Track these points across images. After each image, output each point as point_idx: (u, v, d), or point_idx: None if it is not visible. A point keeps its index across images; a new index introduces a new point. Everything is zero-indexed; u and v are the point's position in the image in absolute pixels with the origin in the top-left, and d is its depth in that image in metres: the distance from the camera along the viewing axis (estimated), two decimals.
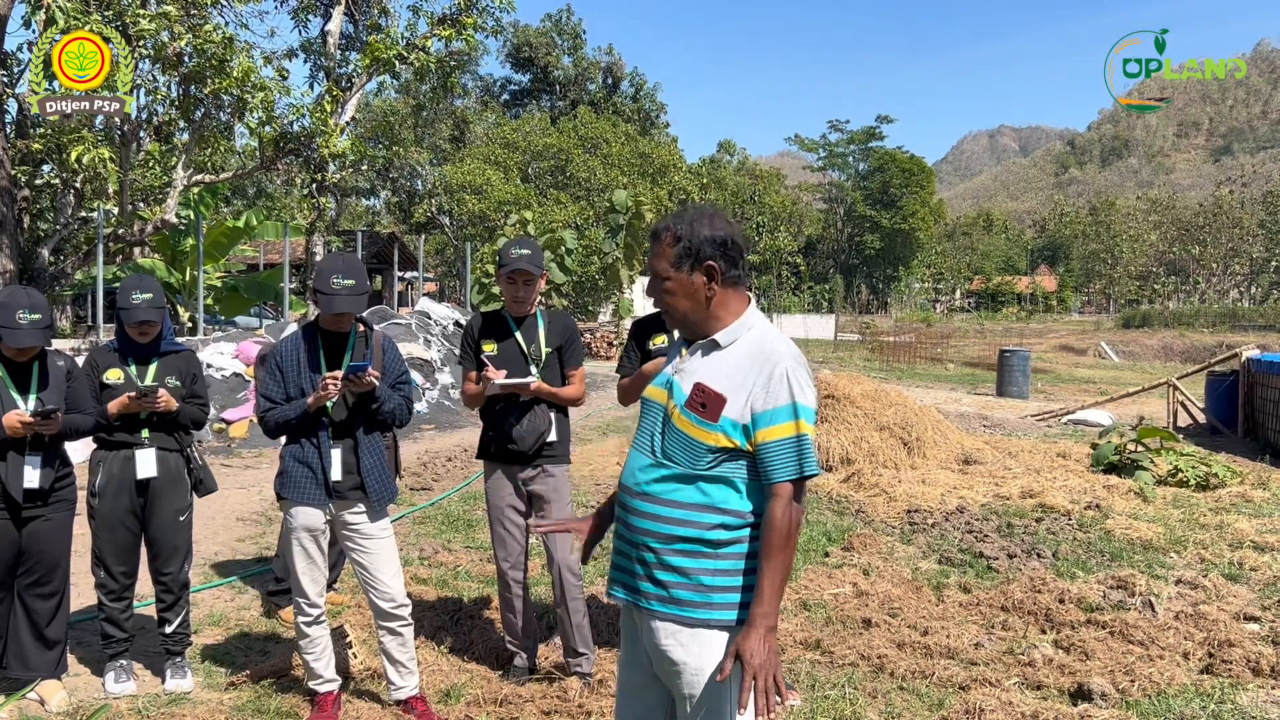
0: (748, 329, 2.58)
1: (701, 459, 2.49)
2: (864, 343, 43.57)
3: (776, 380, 2.47)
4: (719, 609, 2.50)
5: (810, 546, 7.42)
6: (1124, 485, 9.51)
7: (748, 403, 2.47)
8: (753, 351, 2.53)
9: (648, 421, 2.64)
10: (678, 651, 2.52)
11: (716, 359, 2.56)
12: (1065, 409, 17.72)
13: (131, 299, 4.51)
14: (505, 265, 4.53)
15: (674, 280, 2.57)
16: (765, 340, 2.56)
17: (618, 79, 62.87)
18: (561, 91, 61.99)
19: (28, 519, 4.30)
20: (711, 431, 2.48)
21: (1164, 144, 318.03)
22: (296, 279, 23.53)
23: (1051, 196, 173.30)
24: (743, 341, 2.56)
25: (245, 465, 11.16)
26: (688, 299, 2.58)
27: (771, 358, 2.50)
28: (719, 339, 2.57)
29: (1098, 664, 4.94)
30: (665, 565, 2.52)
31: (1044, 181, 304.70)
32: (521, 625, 4.82)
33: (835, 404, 10.83)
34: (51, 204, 17.78)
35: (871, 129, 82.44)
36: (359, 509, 4.20)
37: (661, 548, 2.52)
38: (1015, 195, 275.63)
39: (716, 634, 2.50)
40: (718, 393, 2.49)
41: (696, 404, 2.50)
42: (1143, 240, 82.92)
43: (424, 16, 21.52)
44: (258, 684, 4.67)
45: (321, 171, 19.60)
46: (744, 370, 2.50)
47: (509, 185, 40.92)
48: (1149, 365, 36.58)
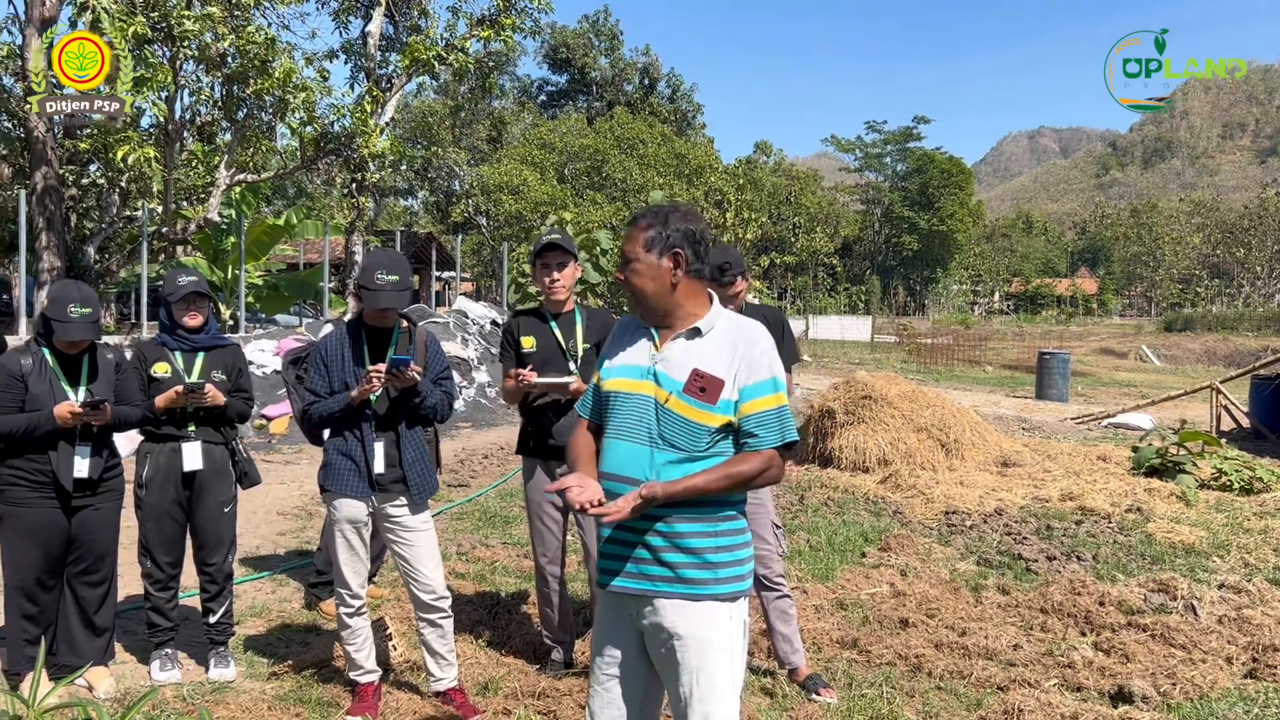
0: (719, 316, 2.77)
1: (701, 440, 2.66)
2: (901, 345, 43.29)
3: (758, 357, 2.68)
4: (723, 583, 2.67)
5: (847, 546, 7.41)
6: (1165, 488, 9.40)
7: (734, 381, 2.66)
8: (731, 335, 2.72)
9: (631, 413, 2.74)
10: (684, 625, 2.65)
11: (701, 345, 2.72)
12: (1106, 412, 17.53)
13: (177, 280, 4.63)
14: (537, 247, 4.60)
15: (641, 262, 2.73)
16: (740, 323, 2.77)
17: (654, 80, 62.91)
18: (598, 92, 62.12)
19: (78, 508, 4.39)
20: (711, 413, 2.65)
21: (1208, 145, 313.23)
22: (335, 278, 23.76)
23: (1092, 198, 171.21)
24: (719, 328, 2.74)
25: (285, 460, 11.29)
26: (652, 281, 2.73)
27: (750, 338, 2.71)
28: (700, 326, 2.73)
29: (1139, 666, 4.89)
30: (675, 547, 2.66)
31: (1085, 183, 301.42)
32: (558, 620, 4.86)
33: (872, 405, 10.78)
34: (97, 203, 18.05)
35: (909, 129, 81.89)
36: (401, 502, 4.24)
37: (670, 530, 2.65)
38: (1055, 197, 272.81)
39: (719, 605, 2.67)
40: (716, 376, 2.66)
41: (695, 388, 2.66)
42: (1185, 243, 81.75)
43: (463, 18, 21.62)
44: (300, 674, 4.73)
45: (361, 171, 19.75)
46: (729, 352, 2.69)
47: (545, 186, 41.04)
48: (1191, 369, 36.05)
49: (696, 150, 49.42)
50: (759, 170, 64.30)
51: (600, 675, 2.81)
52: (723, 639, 2.66)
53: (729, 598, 2.68)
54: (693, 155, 47.62)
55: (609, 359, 2.88)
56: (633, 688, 2.79)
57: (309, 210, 33.44)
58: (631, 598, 2.73)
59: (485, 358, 17.50)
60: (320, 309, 21.96)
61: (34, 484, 4.28)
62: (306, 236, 24.91)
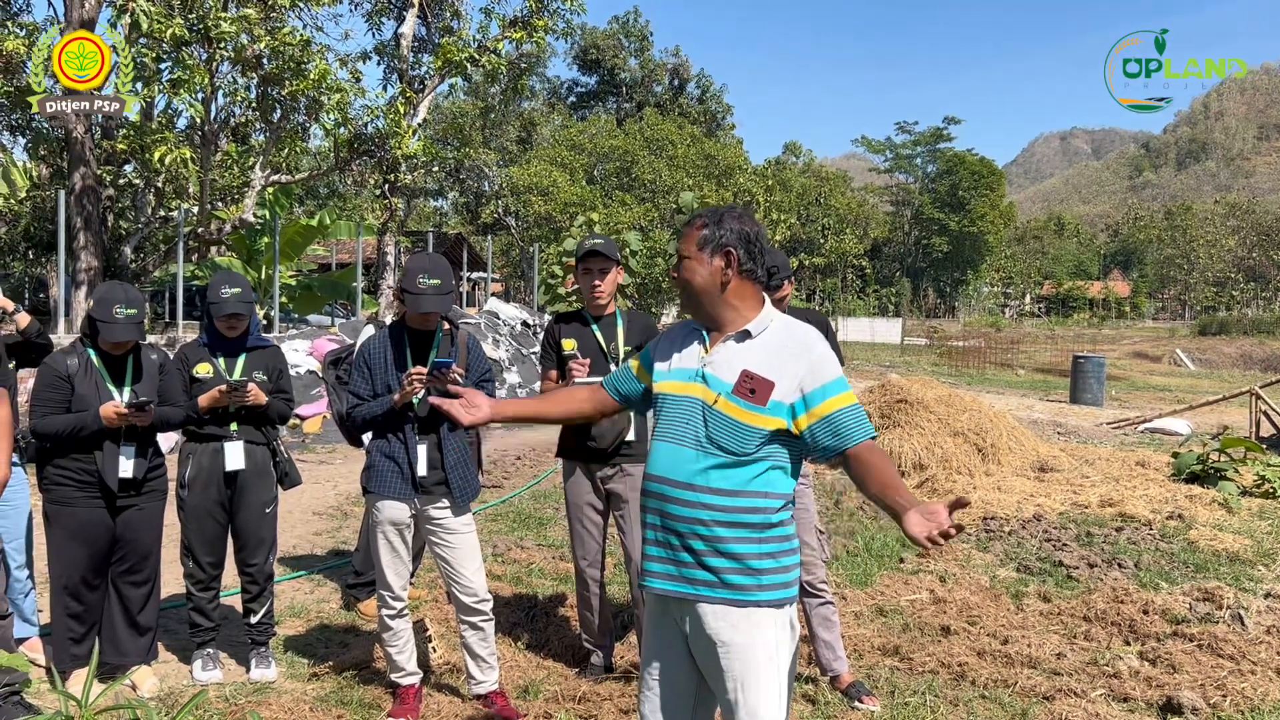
0: (771, 319, 2.75)
1: (750, 443, 2.63)
2: (932, 347, 43.02)
3: (819, 360, 2.66)
4: (769, 590, 2.63)
5: (885, 551, 7.35)
6: (1207, 495, 9.26)
7: (796, 384, 2.63)
8: (783, 338, 2.71)
9: (678, 415, 2.73)
10: (728, 632, 2.61)
11: (751, 347, 2.70)
12: (1142, 417, 17.31)
13: (221, 293, 4.62)
14: (579, 253, 4.59)
15: (694, 259, 2.73)
16: (793, 327, 2.75)
17: (684, 80, 62.88)
18: (628, 93, 62.15)
19: (122, 508, 4.41)
20: (761, 415, 2.62)
21: (1244, 146, 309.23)
22: (367, 278, 23.87)
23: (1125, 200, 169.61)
24: (771, 331, 2.72)
25: (320, 460, 11.34)
26: (703, 278, 2.72)
27: (806, 342, 2.69)
28: (750, 329, 2.72)
29: (1186, 677, 4.81)
30: (717, 551, 2.62)
31: (1117, 185, 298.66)
32: (598, 623, 4.83)
33: (908, 409, 10.69)
34: (133, 203, 18.23)
35: (939, 130, 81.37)
36: (443, 504, 4.24)
37: (712, 534, 2.63)
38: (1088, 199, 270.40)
39: (766, 612, 2.63)
40: (765, 378, 2.63)
41: (745, 390, 2.63)
42: (1220, 245, 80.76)
43: (496, 19, 21.67)
44: (340, 675, 4.74)
45: (393, 172, 19.85)
46: (783, 355, 2.66)
47: (575, 187, 41.09)
48: (1227, 373, 35.59)
49: (726, 151, 49.30)
50: (788, 171, 64.05)
51: (649, 679, 2.80)
52: (768, 647, 2.62)
53: (774, 604, 2.64)
54: (722, 156, 47.51)
55: (660, 360, 2.87)
56: (683, 691, 2.77)
57: (341, 211, 33.63)
58: (675, 601, 2.71)
59: (516, 359, 17.53)
60: (353, 309, 22.08)
61: (80, 484, 4.31)
62: (339, 237, 25.06)
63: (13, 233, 20.43)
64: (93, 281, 15.13)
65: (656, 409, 2.83)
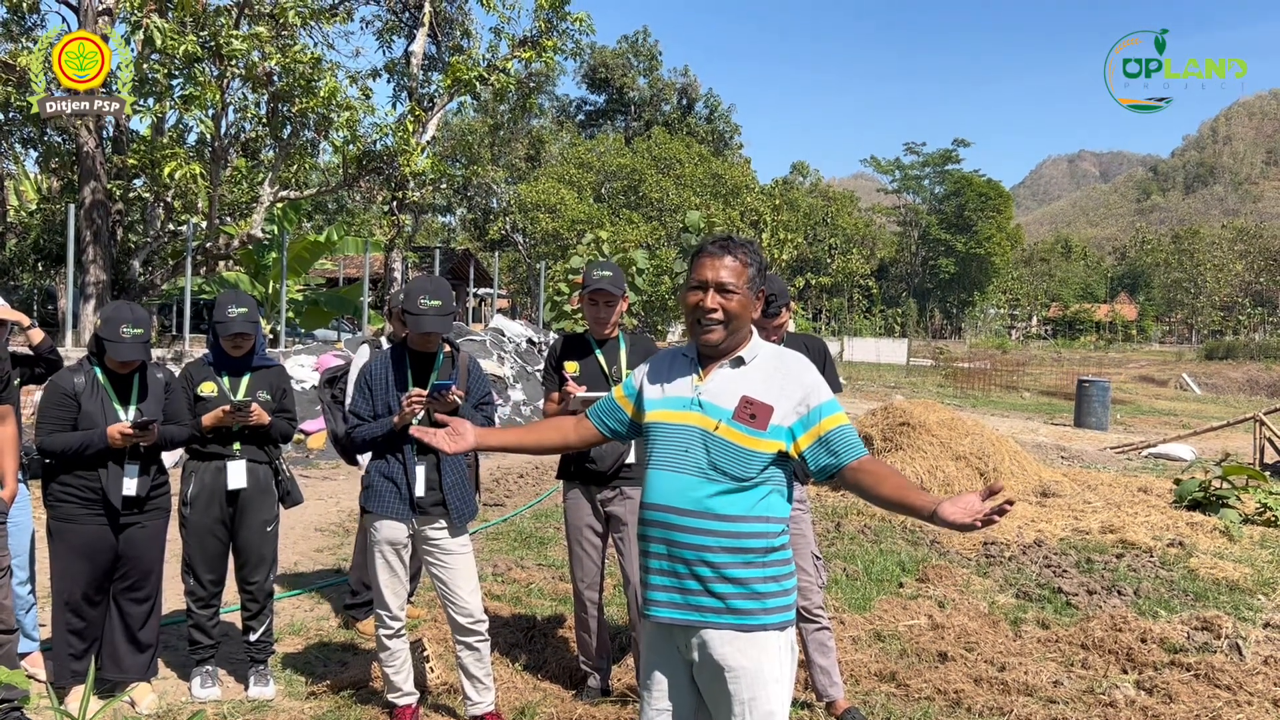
0: (760, 346, 2.84)
1: (753, 467, 2.68)
2: (937, 368, 42.99)
3: (812, 382, 2.75)
4: (773, 613, 2.68)
5: (884, 576, 7.35)
6: (1209, 523, 9.25)
7: (795, 406, 2.71)
8: (774, 363, 2.79)
9: (676, 443, 2.76)
10: (736, 658, 2.65)
11: (747, 373, 2.77)
12: (1146, 442, 17.30)
13: (227, 313, 4.66)
14: (587, 286, 4.61)
15: (743, 295, 2.77)
16: (781, 352, 2.85)
17: (692, 100, 63.15)
18: (636, 112, 62.42)
19: (125, 525, 4.44)
20: (762, 439, 2.68)
21: (1252, 171, 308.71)
22: (374, 294, 23.95)
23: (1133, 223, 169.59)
24: (762, 356, 2.81)
25: (323, 476, 11.37)
26: (743, 313, 2.77)
27: (798, 366, 2.79)
28: (744, 355, 2.79)
29: (1183, 708, 4.81)
30: (723, 578, 2.66)
31: (1125, 208, 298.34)
32: (596, 646, 4.85)
33: (910, 431, 10.71)
34: (142, 217, 18.35)
35: (948, 152, 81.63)
36: (440, 524, 4.27)
37: (718, 560, 2.66)
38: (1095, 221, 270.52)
39: (771, 635, 2.68)
40: (764, 402, 2.70)
41: (746, 415, 2.69)
42: (1228, 270, 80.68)
43: (505, 39, 21.81)
44: (337, 694, 4.75)
45: (402, 189, 19.96)
46: (777, 380, 2.74)
47: (582, 205, 41.26)
48: (1233, 398, 35.54)
49: (733, 170, 49.53)
50: (795, 191, 64.33)
51: (649, 710, 2.82)
52: (774, 669, 2.67)
53: (778, 627, 2.69)
54: (729, 175, 47.73)
55: (649, 390, 2.90)
56: (682, 716, 2.80)
57: (349, 227, 33.77)
58: (680, 629, 2.73)
59: (520, 376, 17.57)
60: (359, 325, 22.15)
61: (84, 501, 4.35)
62: (347, 253, 25.15)
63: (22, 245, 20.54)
64: (101, 294, 15.23)
65: (649, 438, 2.85)
